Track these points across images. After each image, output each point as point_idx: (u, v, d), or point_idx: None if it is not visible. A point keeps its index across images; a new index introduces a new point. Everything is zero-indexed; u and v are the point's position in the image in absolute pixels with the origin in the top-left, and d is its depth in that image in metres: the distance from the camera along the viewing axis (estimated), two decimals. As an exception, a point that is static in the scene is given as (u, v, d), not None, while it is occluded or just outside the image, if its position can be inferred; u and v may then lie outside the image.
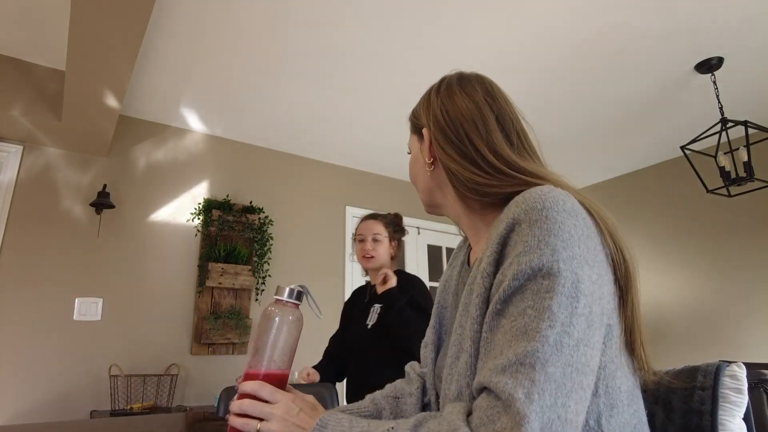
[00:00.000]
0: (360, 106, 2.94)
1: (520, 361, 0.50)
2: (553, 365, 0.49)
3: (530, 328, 0.51)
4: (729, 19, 2.20)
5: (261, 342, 0.67)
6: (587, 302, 0.53)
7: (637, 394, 0.63)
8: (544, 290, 0.52)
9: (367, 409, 0.86)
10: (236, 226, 3.09)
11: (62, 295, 2.59)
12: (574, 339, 0.51)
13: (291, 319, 0.68)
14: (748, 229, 3.25)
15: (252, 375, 0.65)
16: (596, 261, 0.57)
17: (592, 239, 0.58)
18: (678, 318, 3.51)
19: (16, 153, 2.63)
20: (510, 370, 0.50)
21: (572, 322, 0.51)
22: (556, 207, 0.56)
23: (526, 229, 0.56)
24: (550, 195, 0.58)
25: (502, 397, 0.49)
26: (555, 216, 0.56)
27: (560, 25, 2.24)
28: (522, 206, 0.58)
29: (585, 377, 0.51)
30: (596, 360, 0.54)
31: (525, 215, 0.57)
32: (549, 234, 0.54)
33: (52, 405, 2.45)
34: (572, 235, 0.55)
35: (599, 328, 0.55)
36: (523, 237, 0.56)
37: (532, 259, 0.54)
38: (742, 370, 0.69)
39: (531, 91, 2.79)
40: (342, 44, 2.34)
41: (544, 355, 0.49)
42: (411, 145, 0.85)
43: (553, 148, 3.53)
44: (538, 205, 0.57)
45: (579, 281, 0.53)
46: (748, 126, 2.39)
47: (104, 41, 1.88)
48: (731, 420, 0.65)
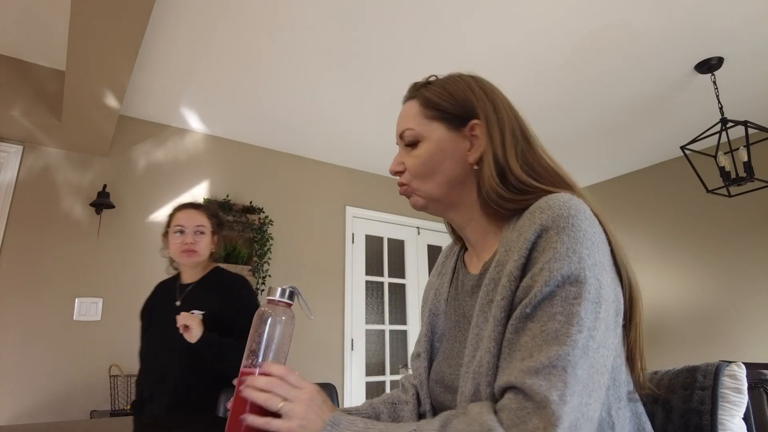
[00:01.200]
0: (360, 107, 2.94)
1: (553, 364, 0.52)
2: (581, 368, 0.52)
3: (561, 333, 0.54)
4: (729, 19, 2.20)
5: (255, 342, 0.68)
6: (607, 307, 0.58)
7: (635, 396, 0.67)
8: (572, 297, 0.56)
9: (366, 412, 0.86)
10: (236, 226, 3.09)
11: (62, 295, 2.59)
12: (596, 342, 0.55)
13: (284, 319, 0.69)
14: (748, 229, 3.25)
15: (248, 371, 0.66)
16: (610, 265, 0.62)
17: (606, 245, 0.63)
18: (678, 318, 3.51)
19: (16, 153, 2.63)
20: (543, 373, 0.52)
21: (596, 326, 0.55)
22: (580, 215, 0.60)
23: (554, 236, 0.59)
24: (573, 203, 0.62)
25: (536, 399, 0.51)
26: (580, 224, 0.60)
27: (560, 25, 2.24)
28: (548, 213, 0.61)
29: (602, 377, 0.56)
30: (611, 360, 0.58)
31: (553, 222, 0.60)
32: (576, 242, 0.58)
33: (52, 405, 2.45)
34: (594, 242, 0.60)
35: (614, 330, 0.59)
36: (552, 244, 0.59)
37: (561, 266, 0.57)
38: (741, 370, 0.69)
39: (531, 90, 2.79)
40: (342, 45, 2.34)
41: (574, 359, 0.52)
42: (428, 132, 0.77)
43: (553, 148, 3.51)
44: (564, 212, 0.60)
45: (601, 287, 0.57)
46: (748, 126, 2.38)
47: (104, 41, 1.88)
48: (731, 420, 0.65)
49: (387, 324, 3.78)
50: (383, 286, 3.85)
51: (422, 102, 0.79)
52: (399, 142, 0.81)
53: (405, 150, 0.80)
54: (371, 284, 3.79)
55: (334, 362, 3.38)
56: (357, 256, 3.74)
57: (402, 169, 0.79)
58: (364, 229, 3.84)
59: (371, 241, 3.87)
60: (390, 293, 3.87)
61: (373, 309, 3.76)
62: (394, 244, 4.00)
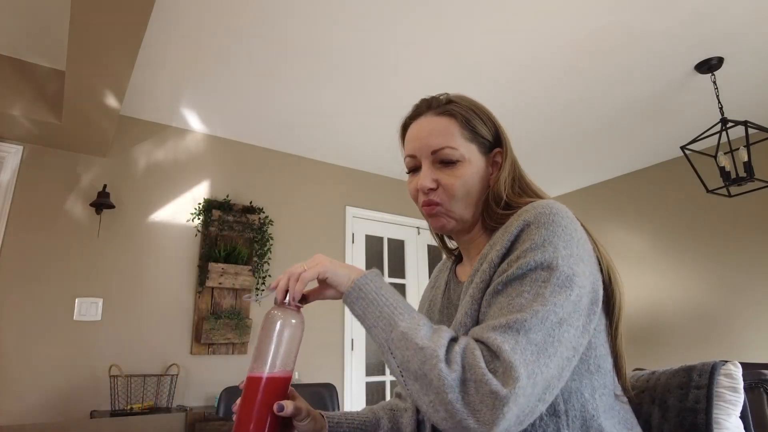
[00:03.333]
0: (360, 107, 2.94)
1: (509, 325, 0.58)
2: (535, 333, 0.57)
3: (525, 306, 0.59)
4: (729, 19, 2.20)
5: (264, 344, 0.66)
6: (579, 293, 0.62)
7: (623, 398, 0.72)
8: (541, 280, 0.61)
9: (367, 416, 0.86)
10: (236, 226, 3.10)
11: (62, 295, 2.59)
12: (558, 317, 0.59)
13: (293, 322, 0.68)
14: (748, 229, 3.25)
15: (255, 378, 0.65)
16: (590, 261, 0.67)
17: (588, 244, 0.69)
18: (677, 317, 3.51)
19: (16, 153, 2.64)
20: (499, 330, 0.58)
21: (558, 304, 0.60)
22: (561, 213, 0.67)
23: (534, 229, 0.66)
24: (556, 205, 0.69)
25: (492, 348, 0.57)
26: (560, 220, 0.66)
27: (560, 26, 2.24)
28: (532, 212, 0.68)
29: (566, 350, 0.59)
30: (579, 340, 0.62)
31: (535, 219, 0.66)
32: (554, 235, 0.64)
33: (52, 405, 2.45)
34: (572, 237, 0.66)
35: (586, 315, 0.63)
36: (531, 235, 0.65)
37: (536, 254, 0.63)
38: (737, 369, 0.69)
39: (531, 91, 2.79)
40: (342, 45, 2.34)
41: (528, 324, 0.57)
42: (469, 155, 0.79)
43: (553, 148, 3.53)
44: (546, 210, 0.67)
45: (574, 275, 0.62)
46: (748, 126, 2.38)
47: (104, 41, 1.88)
48: (727, 419, 0.65)
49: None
50: (383, 286, 3.84)
51: (462, 123, 0.78)
52: (427, 158, 0.79)
53: (436, 167, 0.78)
54: (371, 284, 3.78)
55: (334, 362, 3.38)
56: (357, 256, 3.74)
57: (436, 186, 0.78)
58: (364, 229, 3.84)
59: (371, 241, 3.87)
60: (390, 293, 3.85)
61: (373, 309, 3.75)
62: (394, 244, 4.00)
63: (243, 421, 0.63)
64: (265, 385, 0.65)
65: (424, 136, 0.79)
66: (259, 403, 0.64)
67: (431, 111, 0.81)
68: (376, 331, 0.64)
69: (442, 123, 0.79)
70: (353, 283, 0.67)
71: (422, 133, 0.80)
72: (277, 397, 0.65)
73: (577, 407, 0.64)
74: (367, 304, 0.66)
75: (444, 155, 0.77)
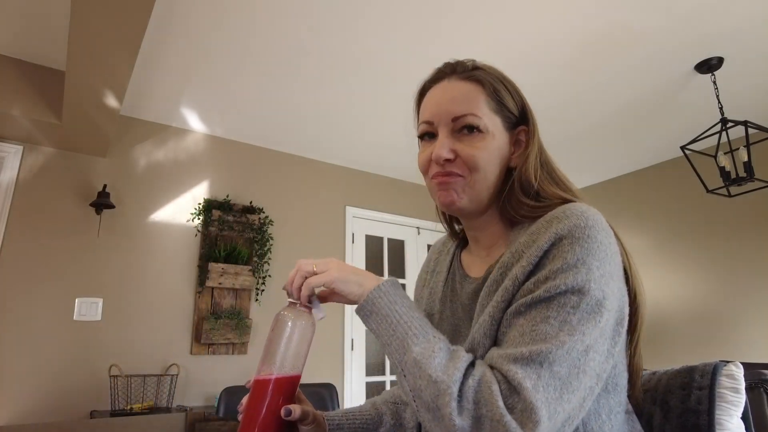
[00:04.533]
0: (360, 107, 2.94)
1: (532, 357, 0.53)
2: (560, 365, 0.53)
3: (549, 336, 0.54)
4: (729, 19, 2.20)
5: (273, 346, 0.65)
6: (608, 317, 0.57)
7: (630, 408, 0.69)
8: (570, 305, 0.56)
9: (369, 413, 0.84)
10: (236, 226, 3.09)
11: (62, 295, 2.59)
12: (585, 345, 0.54)
13: (304, 324, 0.66)
14: (748, 229, 3.25)
15: (263, 380, 0.64)
16: (619, 276, 0.62)
17: (618, 257, 0.62)
18: (678, 318, 3.51)
19: (16, 153, 2.63)
20: (521, 362, 0.53)
21: (586, 333, 0.55)
22: (597, 226, 0.60)
23: (567, 245, 0.58)
24: (590, 213, 0.61)
25: (513, 384, 0.52)
26: (596, 235, 0.59)
27: (560, 26, 2.23)
28: (565, 222, 0.60)
29: (590, 380, 0.55)
30: (603, 366, 0.57)
31: (569, 232, 0.59)
32: (588, 254, 0.57)
33: (52, 405, 2.45)
34: (607, 253, 0.59)
35: (611, 338, 0.59)
36: (563, 253, 0.58)
37: (567, 276, 0.57)
38: (739, 370, 0.69)
39: (530, 91, 2.76)
40: (342, 45, 2.34)
41: (553, 356, 0.53)
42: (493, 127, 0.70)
43: (553, 148, 3.51)
44: (581, 222, 0.59)
45: (605, 298, 0.57)
46: (748, 126, 2.38)
47: (104, 41, 1.88)
48: (729, 419, 0.65)
49: (387, 324, 3.77)
50: (383, 286, 3.84)
51: (489, 92, 0.71)
52: (446, 125, 0.70)
53: (454, 137, 0.70)
54: (371, 284, 3.78)
55: (334, 362, 3.38)
56: (357, 256, 3.73)
57: (454, 157, 0.69)
58: (364, 229, 3.84)
59: (371, 241, 3.87)
60: (390, 293, 3.85)
61: (373, 309, 3.75)
62: (394, 244, 4.00)
63: (249, 424, 0.62)
64: (273, 388, 0.63)
65: (445, 101, 0.71)
66: (267, 407, 0.63)
67: (456, 75, 0.74)
68: (390, 350, 0.60)
69: (468, 88, 0.71)
70: (366, 296, 0.62)
71: (444, 98, 0.72)
72: (284, 400, 0.64)
73: (595, 429, 0.60)
74: (381, 319, 0.61)
75: (466, 122, 0.69)
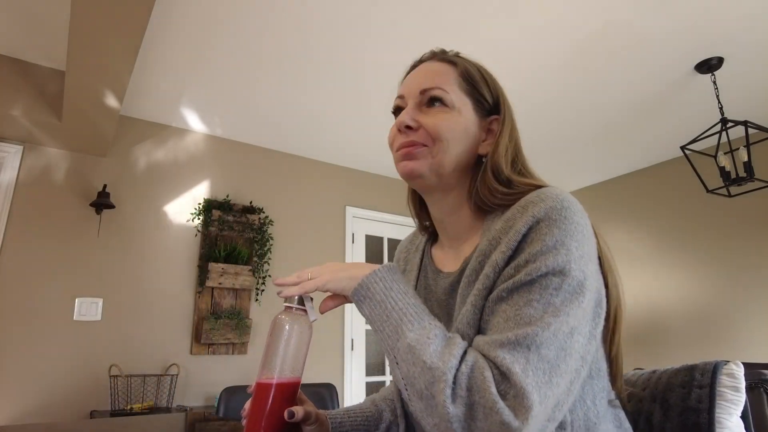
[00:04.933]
0: (360, 107, 2.94)
1: (519, 341, 0.53)
2: (547, 348, 0.53)
3: (534, 319, 0.54)
4: (729, 19, 2.20)
5: (272, 350, 0.65)
6: (589, 297, 0.58)
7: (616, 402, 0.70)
8: (552, 287, 0.56)
9: (369, 410, 0.85)
10: (236, 226, 3.09)
11: (62, 295, 2.59)
12: (569, 327, 0.55)
13: (302, 326, 0.67)
14: (748, 229, 3.25)
15: (264, 384, 0.64)
16: (595, 256, 0.63)
17: (593, 238, 0.64)
18: (678, 318, 3.51)
19: (16, 153, 2.63)
20: (508, 347, 0.53)
21: (570, 314, 0.55)
22: (573, 207, 0.61)
23: (545, 228, 0.59)
24: (565, 195, 0.62)
25: (502, 369, 0.52)
26: (572, 216, 0.60)
27: (560, 25, 2.24)
28: (541, 205, 0.60)
29: (576, 362, 0.56)
30: (587, 348, 0.58)
31: (545, 214, 0.59)
32: (566, 235, 0.58)
33: (52, 405, 2.45)
34: (584, 234, 0.60)
35: (592, 319, 0.60)
36: (541, 235, 0.58)
37: (548, 258, 0.57)
38: (739, 369, 0.69)
39: (530, 91, 2.79)
40: (342, 45, 2.34)
41: (540, 339, 0.53)
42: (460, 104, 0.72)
43: (553, 148, 3.53)
44: (557, 204, 0.60)
45: (585, 279, 0.58)
46: (748, 126, 2.38)
47: (104, 41, 1.88)
48: (728, 418, 0.65)
49: (387, 324, 3.77)
50: (383, 286, 3.84)
51: (461, 72, 0.74)
52: (414, 98, 0.74)
53: (421, 108, 0.73)
54: (371, 284, 3.78)
55: (334, 362, 3.38)
56: (357, 256, 3.73)
57: (416, 126, 0.71)
58: (364, 229, 3.84)
59: (371, 241, 3.87)
60: (390, 293, 3.86)
61: (373, 309, 3.75)
62: (394, 244, 3.99)
63: (253, 428, 0.63)
64: (275, 391, 0.64)
65: (418, 77, 0.76)
66: (269, 410, 0.63)
67: (435, 58, 0.78)
68: (383, 335, 0.60)
69: (441, 67, 0.75)
70: (361, 280, 0.62)
71: (418, 74, 0.76)
72: (287, 403, 0.65)
73: (580, 416, 0.61)
74: (375, 305, 0.61)
75: (431, 94, 0.72)
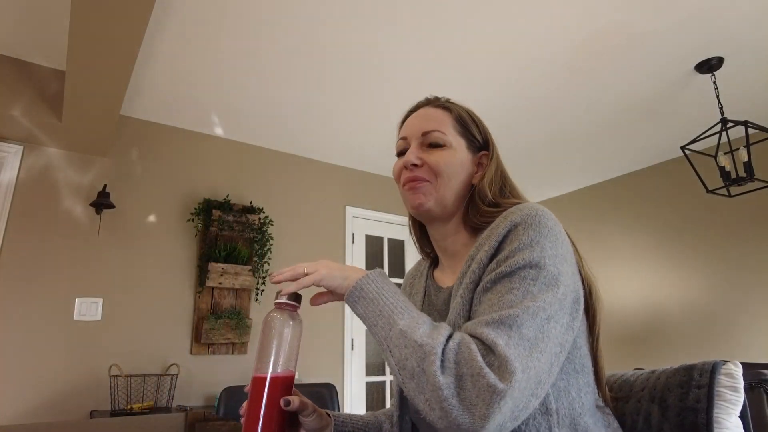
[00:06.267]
0: (360, 107, 2.94)
1: (501, 320, 0.59)
2: (527, 328, 0.59)
3: (515, 303, 0.61)
4: (729, 19, 2.20)
5: (265, 346, 0.69)
6: (564, 291, 0.64)
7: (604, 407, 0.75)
8: (530, 278, 0.63)
9: (369, 419, 0.89)
10: (236, 226, 3.09)
11: (62, 295, 2.59)
12: (547, 313, 0.61)
13: (292, 323, 0.70)
14: (748, 229, 3.25)
15: (260, 378, 0.67)
16: (571, 263, 0.70)
17: (569, 246, 0.72)
18: (677, 317, 3.51)
19: (16, 153, 2.64)
20: (492, 325, 0.59)
21: (547, 301, 0.62)
22: (546, 215, 0.70)
23: (521, 230, 0.68)
24: (541, 208, 0.71)
25: (487, 343, 0.58)
26: (546, 222, 0.69)
27: (560, 26, 2.24)
28: (519, 214, 0.70)
29: (554, 346, 0.61)
30: (565, 336, 0.63)
31: (522, 220, 0.69)
32: (541, 235, 0.67)
33: (52, 405, 2.45)
34: (557, 238, 0.68)
35: (569, 313, 0.65)
36: (518, 236, 0.68)
37: (524, 253, 0.65)
38: (738, 369, 0.69)
39: (530, 91, 2.79)
40: (342, 45, 2.34)
41: (520, 320, 0.59)
42: (456, 144, 0.84)
43: (553, 148, 3.53)
44: (533, 212, 0.70)
45: (560, 274, 0.65)
46: (748, 126, 2.38)
47: (104, 41, 1.88)
48: (727, 418, 0.65)
49: (387, 324, 3.77)
50: (383, 286, 3.84)
51: (456, 117, 0.86)
52: (416, 139, 0.85)
53: (423, 148, 0.84)
54: (371, 284, 3.78)
55: (334, 362, 3.38)
56: (357, 256, 3.74)
57: (420, 163, 0.83)
58: (364, 229, 3.84)
59: (371, 241, 3.87)
60: (390, 293, 3.86)
61: (373, 309, 3.75)
62: (394, 244, 4.00)
63: (251, 420, 0.66)
64: (270, 383, 0.67)
65: (418, 121, 0.87)
66: (266, 401, 0.66)
67: (431, 104, 0.89)
68: (376, 329, 0.65)
69: (436, 113, 0.87)
70: (355, 283, 0.68)
71: (417, 118, 0.88)
72: (282, 394, 0.67)
73: (566, 405, 0.66)
74: (368, 303, 0.67)
75: (433, 138, 0.83)
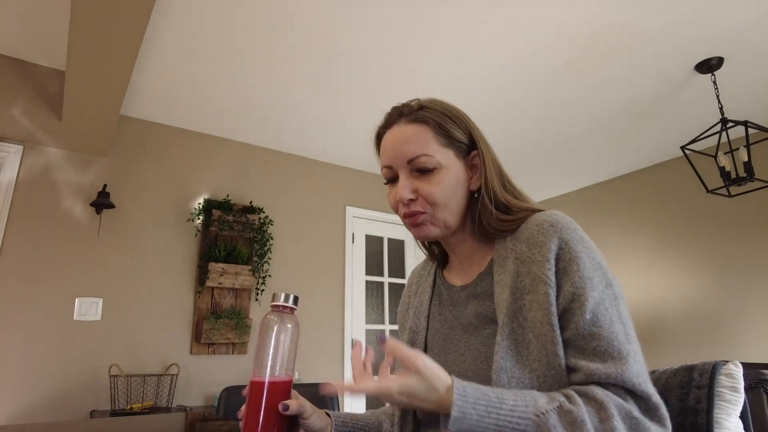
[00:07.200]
0: (360, 107, 2.94)
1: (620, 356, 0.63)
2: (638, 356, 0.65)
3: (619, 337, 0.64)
4: (729, 19, 2.20)
5: (263, 349, 0.68)
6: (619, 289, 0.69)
7: None
8: (613, 298, 0.66)
9: (369, 418, 0.87)
10: (236, 226, 3.09)
11: (62, 295, 2.59)
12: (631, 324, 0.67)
13: (289, 326, 0.69)
14: (748, 229, 3.25)
15: (257, 382, 0.66)
16: None
17: None
18: (677, 317, 3.51)
19: (16, 153, 2.64)
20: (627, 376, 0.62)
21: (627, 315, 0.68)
22: (579, 227, 0.71)
23: (574, 246, 0.67)
24: (567, 217, 0.72)
25: (638, 394, 0.62)
26: (584, 234, 0.70)
27: (560, 25, 2.23)
28: (558, 227, 0.69)
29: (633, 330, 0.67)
30: None
31: (568, 234, 0.68)
32: (592, 251, 0.69)
33: (52, 405, 2.45)
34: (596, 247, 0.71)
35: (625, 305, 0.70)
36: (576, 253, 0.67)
37: (595, 275, 0.66)
38: (738, 369, 0.69)
39: (530, 91, 2.79)
40: (341, 45, 2.34)
41: (632, 351, 0.64)
42: (446, 161, 0.76)
43: (553, 148, 3.53)
44: (570, 225, 0.70)
45: (613, 278, 0.69)
46: (748, 126, 2.38)
47: (104, 41, 1.88)
48: (727, 418, 0.65)
49: (387, 324, 3.78)
50: (383, 286, 3.85)
51: (435, 128, 0.76)
52: (403, 168, 0.77)
53: (414, 176, 0.76)
54: (371, 284, 3.79)
55: (334, 362, 3.38)
56: (357, 256, 3.74)
57: (416, 197, 0.76)
58: (364, 229, 3.84)
59: (371, 241, 3.87)
60: (390, 293, 3.86)
61: (373, 309, 3.76)
62: (394, 244, 4.00)
63: (250, 425, 0.65)
64: (269, 388, 0.66)
65: (398, 145, 0.77)
66: (265, 406, 0.65)
67: (403, 119, 0.78)
68: None
69: (416, 130, 0.76)
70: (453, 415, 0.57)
71: (396, 142, 0.77)
72: (280, 399, 0.66)
73: None
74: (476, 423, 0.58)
75: (420, 164, 0.75)
